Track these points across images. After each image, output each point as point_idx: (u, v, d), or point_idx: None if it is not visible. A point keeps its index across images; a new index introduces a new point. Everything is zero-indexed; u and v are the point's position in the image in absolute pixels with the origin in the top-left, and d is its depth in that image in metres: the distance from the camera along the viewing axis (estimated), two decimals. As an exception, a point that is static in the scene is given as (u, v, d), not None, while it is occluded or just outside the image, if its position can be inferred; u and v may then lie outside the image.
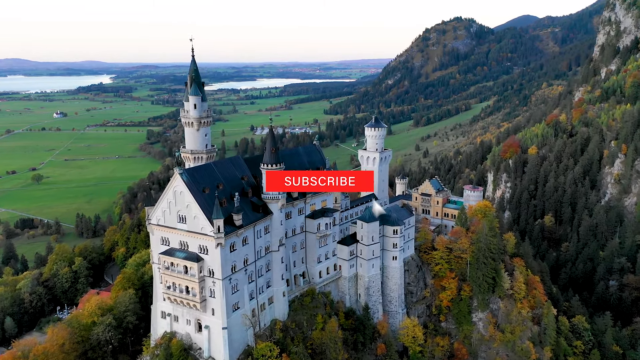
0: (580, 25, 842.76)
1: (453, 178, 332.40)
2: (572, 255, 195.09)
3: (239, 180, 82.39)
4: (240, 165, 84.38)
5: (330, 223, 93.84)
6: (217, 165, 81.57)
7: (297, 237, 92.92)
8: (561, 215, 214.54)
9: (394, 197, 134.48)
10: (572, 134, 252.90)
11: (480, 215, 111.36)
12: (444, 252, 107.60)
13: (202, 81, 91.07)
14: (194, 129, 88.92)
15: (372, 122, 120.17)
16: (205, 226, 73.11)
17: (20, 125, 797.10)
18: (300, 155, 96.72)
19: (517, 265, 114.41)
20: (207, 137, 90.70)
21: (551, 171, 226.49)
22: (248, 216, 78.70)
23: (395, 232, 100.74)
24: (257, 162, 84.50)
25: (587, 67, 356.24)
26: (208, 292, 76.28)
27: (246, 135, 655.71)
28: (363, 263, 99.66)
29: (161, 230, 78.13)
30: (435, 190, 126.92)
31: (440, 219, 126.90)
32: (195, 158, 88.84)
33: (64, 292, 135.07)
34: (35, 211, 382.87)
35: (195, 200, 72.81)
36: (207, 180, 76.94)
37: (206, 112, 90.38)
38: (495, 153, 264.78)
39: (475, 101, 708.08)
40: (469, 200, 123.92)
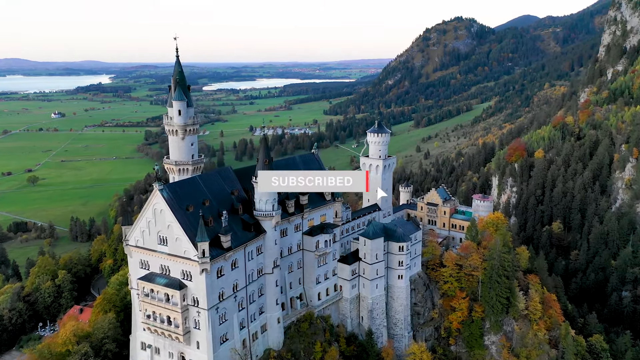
0: (582, 25, 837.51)
1: (455, 181, 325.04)
2: (582, 264, 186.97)
3: (228, 196, 73.98)
4: (229, 177, 75.88)
5: (330, 240, 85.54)
6: (204, 178, 73.03)
7: (294, 256, 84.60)
8: (570, 222, 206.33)
9: (397, 207, 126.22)
10: (579, 136, 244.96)
11: (492, 228, 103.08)
12: (454, 269, 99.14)
13: (187, 84, 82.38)
14: (178, 138, 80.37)
15: (374, 127, 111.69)
16: (189, 249, 64.83)
17: (17, 126, 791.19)
18: (297, 165, 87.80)
19: (532, 283, 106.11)
20: (193, 146, 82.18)
21: (559, 176, 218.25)
22: (238, 237, 70.32)
23: (401, 248, 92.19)
24: (249, 173, 76.08)
25: (593, 67, 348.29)
26: (192, 323, 67.88)
27: (245, 136, 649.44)
28: (366, 283, 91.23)
29: (140, 252, 69.83)
30: (442, 200, 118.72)
31: (448, 230, 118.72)
32: (180, 170, 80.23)
33: (46, 308, 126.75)
34: (29, 214, 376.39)
35: (177, 220, 64.49)
36: (191, 196, 68.60)
37: (192, 118, 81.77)
38: (500, 156, 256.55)
39: (476, 102, 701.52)
40: (478, 210, 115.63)
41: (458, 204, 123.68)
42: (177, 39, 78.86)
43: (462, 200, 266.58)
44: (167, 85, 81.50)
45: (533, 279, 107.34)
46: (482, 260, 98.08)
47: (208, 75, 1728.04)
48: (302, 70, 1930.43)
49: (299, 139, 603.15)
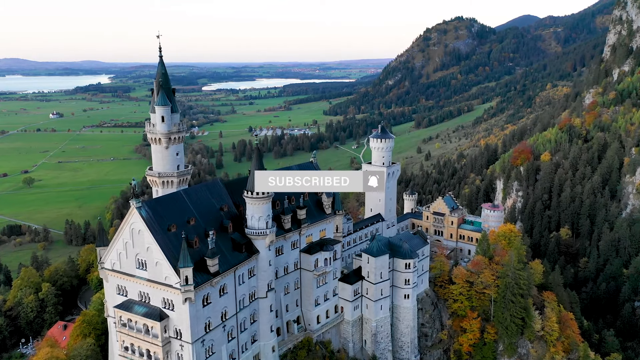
0: (583, 25, 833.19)
1: (458, 184, 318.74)
2: (591, 273, 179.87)
3: (217, 212, 66.59)
4: (218, 192, 68.49)
5: (330, 258, 78.23)
6: (189, 194, 65.47)
7: (290, 277, 77.28)
8: (578, 228, 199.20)
9: (402, 216, 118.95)
10: (587, 139, 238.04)
11: (504, 241, 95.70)
12: (464, 287, 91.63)
13: (172, 87, 74.83)
14: (162, 147, 72.86)
15: (377, 132, 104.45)
16: (170, 276, 57.54)
17: (15, 126, 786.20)
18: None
19: (548, 301, 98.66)
20: (179, 156, 74.57)
21: (566, 180, 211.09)
22: (227, 259, 63.00)
23: (407, 266, 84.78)
24: (240, 186, 68.71)
25: (598, 67, 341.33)
26: (175, 358, 60.47)
27: (244, 136, 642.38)
28: (369, 304, 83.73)
29: (117, 276, 62.54)
30: (449, 209, 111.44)
31: (455, 241, 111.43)
32: (164, 183, 72.70)
33: (28, 324, 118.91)
34: (24, 216, 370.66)
35: (157, 242, 57.20)
36: (174, 214, 61.20)
37: (177, 125, 74.09)
38: (505, 159, 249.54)
39: (477, 102, 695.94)
40: (488, 221, 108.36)
41: (466, 213, 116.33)
42: (159, 37, 71.30)
43: (466, 203, 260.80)
44: (149, 89, 74.14)
45: (549, 296, 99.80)
46: (495, 278, 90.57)
47: (208, 75, 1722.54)
48: (302, 70, 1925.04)
49: (298, 139, 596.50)
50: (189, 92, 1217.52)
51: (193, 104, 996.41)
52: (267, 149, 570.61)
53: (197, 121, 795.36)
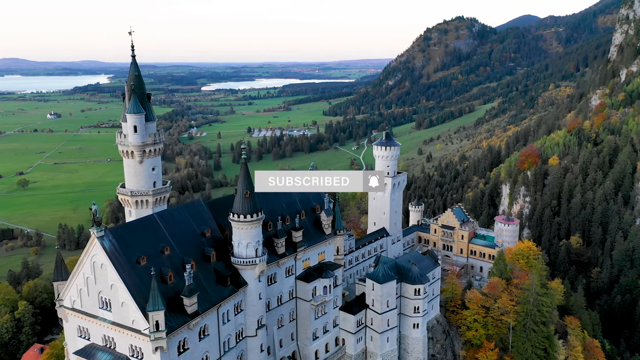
0: (585, 25, 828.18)
1: (461, 187, 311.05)
2: (605, 283, 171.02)
3: (198, 238, 57.34)
4: (200, 213, 59.29)
5: (330, 285, 69.11)
6: (165, 217, 56.01)
7: (285, 307, 67.97)
8: (590, 236, 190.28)
9: (407, 229, 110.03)
10: (596, 142, 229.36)
11: (522, 260, 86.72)
12: (479, 313, 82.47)
13: (147, 92, 65.62)
14: (135, 162, 63.56)
15: (382, 140, 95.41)
16: (138, 319, 48.41)
17: (12, 127, 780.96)
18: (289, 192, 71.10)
19: (571, 327, 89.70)
20: (155, 171, 65.21)
21: (576, 185, 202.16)
22: (208, 295, 53.92)
23: (417, 292, 75.65)
24: (226, 206, 59.57)
25: (604, 68, 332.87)
26: (145, 415, 51.49)
27: (243, 137, 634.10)
28: (375, 337, 74.48)
29: (78, 317, 53.32)
30: (459, 222, 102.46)
31: (466, 257, 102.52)
32: (138, 202, 63.34)
33: (3, 346, 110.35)
34: (17, 219, 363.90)
35: (122, 280, 48.05)
36: (145, 243, 51.99)
37: (153, 136, 64.66)
38: (511, 163, 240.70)
39: (478, 103, 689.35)
40: (501, 235, 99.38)
41: (477, 226, 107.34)
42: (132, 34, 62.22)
43: (470, 207, 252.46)
44: (121, 94, 65.06)
45: (572, 321, 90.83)
46: (514, 303, 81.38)
47: (207, 75, 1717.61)
48: (302, 70, 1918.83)
49: (297, 140, 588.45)
50: (187, 92, 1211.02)
51: (192, 104, 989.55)
52: (266, 150, 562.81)
53: (195, 122, 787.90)
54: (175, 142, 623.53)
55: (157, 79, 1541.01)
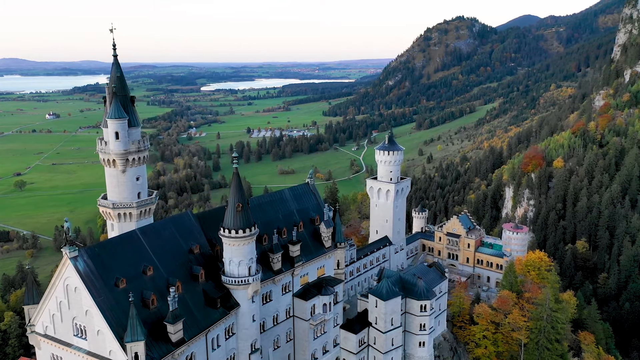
0: (586, 25, 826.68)
1: (462, 188, 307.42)
2: (612, 290, 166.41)
3: (185, 256, 52.65)
4: (188, 228, 54.63)
5: (330, 303, 64.55)
6: (148, 233, 51.15)
7: (281, 327, 63.40)
8: (596, 241, 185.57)
9: (411, 236, 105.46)
10: (601, 144, 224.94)
11: (533, 272, 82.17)
12: (489, 329, 77.85)
13: (130, 95, 61.01)
14: (117, 171, 59.08)
15: (384, 144, 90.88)
16: (115, 350, 43.54)
17: (10, 127, 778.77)
18: (285, 201, 66.12)
19: (585, 343, 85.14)
20: (139, 181, 60.55)
21: (582, 188, 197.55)
22: (196, 319, 49.30)
23: (423, 308, 71.15)
24: (217, 219, 54.98)
25: (608, 68, 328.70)
26: None
27: (242, 138, 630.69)
28: (378, 357, 69.59)
29: (51, 344, 48.61)
30: (465, 230, 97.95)
31: (472, 266, 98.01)
32: (121, 216, 58.82)
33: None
34: (14, 221, 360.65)
35: (98, 306, 43.38)
36: (125, 263, 47.26)
37: (137, 143, 60.08)
38: (514, 165, 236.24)
39: (479, 103, 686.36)
40: (510, 243, 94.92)
41: (484, 234, 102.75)
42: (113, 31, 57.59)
43: (472, 210, 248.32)
44: (102, 97, 60.45)
45: (587, 337, 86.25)
46: (527, 319, 76.69)
47: (206, 76, 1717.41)
48: (301, 70, 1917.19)
49: (297, 141, 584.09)
50: (187, 92, 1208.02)
51: (191, 105, 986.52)
52: (265, 150, 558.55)
53: (194, 122, 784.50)
54: (174, 142, 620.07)
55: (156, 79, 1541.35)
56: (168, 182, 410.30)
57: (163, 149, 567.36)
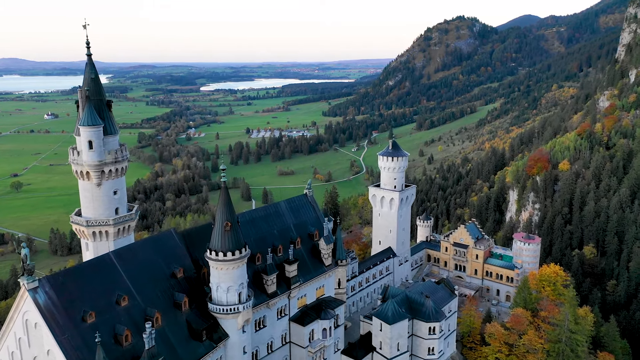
0: (587, 25, 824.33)
1: (465, 191, 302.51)
2: (621, 297, 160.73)
3: (166, 281, 47.03)
4: (170, 248, 48.93)
5: (330, 328, 59.05)
6: (124, 256, 45.29)
7: (276, 355, 57.86)
8: (604, 246, 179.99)
9: (415, 246, 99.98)
10: (608, 146, 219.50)
11: (548, 287, 76.64)
12: (502, 350, 72.09)
13: (106, 99, 55.31)
14: (91, 184, 53.38)
15: (387, 149, 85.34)
16: (82, 397, 38.24)
17: (8, 127, 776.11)
18: (281, 215, 60.47)
19: (604, 365, 79.69)
20: (117, 195, 54.86)
21: (589, 192, 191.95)
22: (177, 357, 43.81)
23: (432, 330, 65.67)
24: (204, 237, 49.35)
25: (612, 68, 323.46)
26: None
27: (241, 138, 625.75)
28: (382, 384, 64.59)
29: (13, 384, 43.14)
30: (473, 240, 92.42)
31: (481, 278, 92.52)
32: (96, 234, 53.03)
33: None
34: (9, 223, 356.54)
35: (60, 346, 37.62)
36: (95, 292, 41.39)
37: (114, 153, 54.39)
38: (519, 168, 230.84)
39: (480, 103, 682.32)
40: (521, 255, 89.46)
41: (493, 244, 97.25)
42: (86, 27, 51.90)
43: (475, 213, 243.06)
44: (75, 101, 54.79)
45: (606, 358, 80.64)
46: (543, 341, 71.05)
47: (206, 76, 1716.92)
48: (301, 70, 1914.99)
49: (296, 142, 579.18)
50: (186, 92, 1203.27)
51: (190, 105, 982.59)
52: (264, 151, 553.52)
53: (193, 122, 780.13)
54: (172, 143, 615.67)
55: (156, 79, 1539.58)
56: (166, 184, 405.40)
57: (161, 149, 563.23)
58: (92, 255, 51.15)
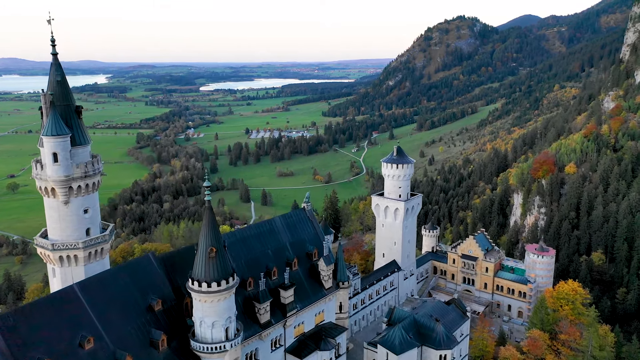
0: (588, 25, 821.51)
1: (467, 193, 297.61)
2: (632, 306, 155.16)
3: (141, 316, 40.93)
4: (148, 275, 42.89)
5: (331, 359, 53.34)
6: (91, 289, 39.04)
7: (271, 390, 52.33)
8: (613, 252, 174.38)
9: (420, 257, 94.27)
10: (615, 148, 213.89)
11: (567, 306, 70.93)
12: (516, 375, 66.57)
13: (75, 105, 49.26)
14: (58, 202, 47.20)
15: (392, 156, 79.56)
16: None
17: (6, 127, 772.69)
18: (276, 232, 54.40)
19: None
20: (89, 214, 48.54)
21: (597, 196, 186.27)
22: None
23: (443, 358, 59.93)
24: (188, 261, 43.44)
25: (617, 68, 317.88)
26: None
27: (241, 139, 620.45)
28: (388, 418, 58.86)
29: None
30: (482, 252, 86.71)
31: (491, 293, 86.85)
32: (63, 259, 46.66)
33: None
34: (4, 225, 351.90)
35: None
36: (54, 335, 35.35)
37: (84, 166, 48.02)
38: (524, 170, 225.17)
39: (481, 104, 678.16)
40: (534, 268, 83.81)
41: (504, 256, 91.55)
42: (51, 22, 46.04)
43: (478, 216, 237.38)
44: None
45: (629, 384, 75.20)
46: (562, 366, 65.63)
47: (206, 75, 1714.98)
48: (301, 70, 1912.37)
49: (296, 142, 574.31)
50: (186, 92, 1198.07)
51: (190, 105, 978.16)
52: (264, 152, 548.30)
53: (192, 122, 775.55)
54: (171, 143, 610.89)
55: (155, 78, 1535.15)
56: (164, 185, 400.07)
57: (160, 150, 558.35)
58: (60, 283, 45.21)
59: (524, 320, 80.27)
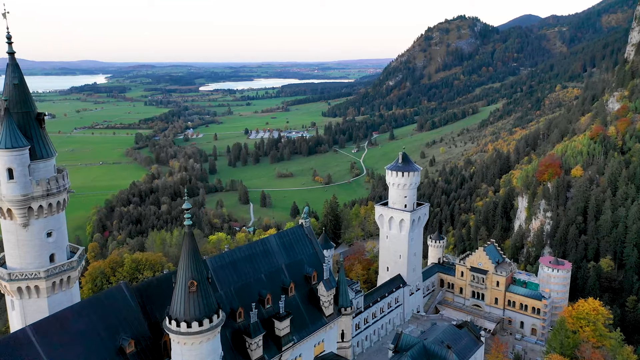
0: (589, 25, 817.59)
1: (469, 195, 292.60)
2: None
3: (110, 359, 35.20)
4: (120, 311, 36.52)
5: (331, 396, 47.97)
6: (46, 332, 32.46)
7: None
8: (622, 258, 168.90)
9: (426, 269, 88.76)
10: (622, 150, 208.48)
11: (588, 328, 65.54)
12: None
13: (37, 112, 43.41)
14: (15, 225, 40.55)
15: (396, 163, 74.02)
16: None
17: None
18: (271, 254, 48.42)
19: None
20: (53, 238, 41.84)
21: (605, 200, 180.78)
22: None
23: (454, 390, 54.64)
24: (166, 290, 37.46)
25: (622, 68, 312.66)
26: None
27: (240, 139, 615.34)
28: None
29: None
30: (493, 264, 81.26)
31: (502, 308, 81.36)
32: (22, 291, 39.93)
33: None
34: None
35: None
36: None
37: (46, 183, 41.18)
38: (529, 173, 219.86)
39: (482, 104, 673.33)
40: (548, 282, 78.41)
41: (516, 269, 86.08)
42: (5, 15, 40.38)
43: (481, 220, 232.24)
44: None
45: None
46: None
47: (205, 75, 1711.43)
48: (300, 70, 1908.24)
49: (296, 143, 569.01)
50: (185, 92, 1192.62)
51: (189, 105, 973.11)
52: (263, 152, 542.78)
53: (192, 123, 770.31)
54: (170, 144, 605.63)
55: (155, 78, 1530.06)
56: (162, 186, 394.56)
57: (158, 150, 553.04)
58: (20, 318, 39.25)
59: (538, 339, 74.89)
